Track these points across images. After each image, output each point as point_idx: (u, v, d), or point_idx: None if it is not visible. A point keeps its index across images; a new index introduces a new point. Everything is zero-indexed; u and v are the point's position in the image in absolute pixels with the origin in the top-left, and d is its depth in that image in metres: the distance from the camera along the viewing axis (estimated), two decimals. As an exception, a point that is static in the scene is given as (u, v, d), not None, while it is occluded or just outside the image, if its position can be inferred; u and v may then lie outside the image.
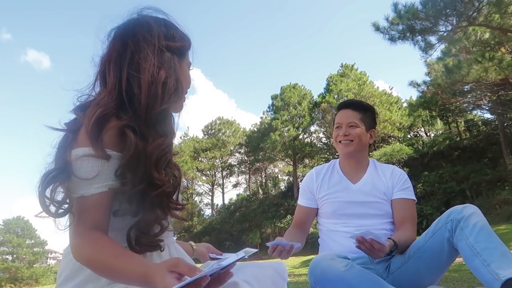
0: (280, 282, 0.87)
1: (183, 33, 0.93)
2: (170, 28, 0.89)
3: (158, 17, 0.90)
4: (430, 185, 18.06)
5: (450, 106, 17.54)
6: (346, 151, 1.71)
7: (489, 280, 1.11)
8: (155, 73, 0.80)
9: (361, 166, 1.74)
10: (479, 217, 1.25)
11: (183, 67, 0.91)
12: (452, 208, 1.34)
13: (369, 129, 1.75)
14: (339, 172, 1.76)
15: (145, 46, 0.81)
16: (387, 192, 1.66)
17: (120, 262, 0.67)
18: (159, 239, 0.80)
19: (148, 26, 0.85)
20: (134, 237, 0.77)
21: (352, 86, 22.97)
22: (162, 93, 0.80)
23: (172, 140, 0.85)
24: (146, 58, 0.80)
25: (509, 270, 1.08)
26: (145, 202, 0.78)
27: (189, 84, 0.96)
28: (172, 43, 0.87)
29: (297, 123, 26.99)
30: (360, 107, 1.78)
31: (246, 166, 35.07)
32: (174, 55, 0.87)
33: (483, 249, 1.16)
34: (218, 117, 36.01)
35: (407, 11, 8.31)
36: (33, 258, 34.18)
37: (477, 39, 9.20)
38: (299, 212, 1.79)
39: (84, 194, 0.74)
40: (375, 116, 1.82)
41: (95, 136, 0.74)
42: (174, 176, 0.83)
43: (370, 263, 1.50)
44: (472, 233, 1.20)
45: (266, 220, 25.95)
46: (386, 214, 1.63)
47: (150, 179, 0.77)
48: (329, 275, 1.25)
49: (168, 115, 0.86)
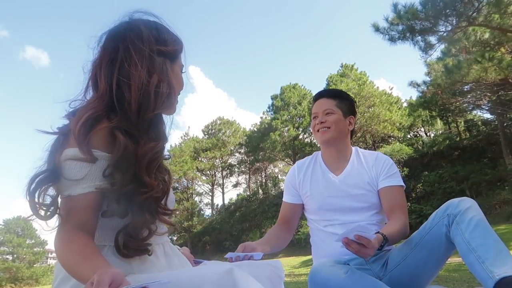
0: (277, 281, 0.87)
1: (175, 36, 0.93)
2: (161, 32, 0.89)
3: (149, 20, 0.90)
4: (430, 185, 18.06)
5: (450, 106, 17.54)
6: (324, 139, 1.66)
7: (483, 278, 1.11)
8: (145, 80, 0.80)
9: (342, 156, 1.68)
10: (475, 211, 1.23)
11: (175, 70, 0.91)
12: (449, 201, 1.31)
13: (346, 115, 1.69)
14: (321, 164, 1.71)
15: (135, 52, 0.81)
16: (371, 181, 1.60)
17: (83, 266, 0.67)
18: (147, 243, 0.80)
19: (138, 31, 0.84)
20: (122, 241, 0.77)
21: (352, 86, 22.94)
22: (155, 98, 0.81)
23: (164, 144, 0.85)
24: (136, 65, 0.80)
25: (503, 269, 1.07)
26: (134, 206, 0.77)
27: (182, 87, 0.96)
28: (164, 47, 0.87)
29: (297, 123, 26.98)
30: (335, 94, 1.74)
31: (246, 166, 35.04)
32: (166, 59, 0.87)
33: (478, 245, 1.15)
34: (218, 117, 36.02)
35: (407, 12, 8.30)
36: (33, 258, 34.15)
37: (477, 39, 9.20)
38: (284, 209, 1.77)
39: (71, 194, 0.75)
40: (353, 104, 1.75)
41: (82, 137, 0.74)
42: (163, 180, 0.83)
43: (366, 263, 1.49)
44: (468, 228, 1.19)
45: (266, 220, 25.95)
46: (372, 205, 1.58)
47: (140, 181, 0.77)
48: (330, 282, 1.24)
49: (160, 119, 0.86)
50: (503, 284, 1.05)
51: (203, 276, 0.67)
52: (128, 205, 0.77)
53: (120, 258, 0.79)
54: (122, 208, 0.77)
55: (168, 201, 0.89)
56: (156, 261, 0.85)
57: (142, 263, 0.81)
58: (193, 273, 0.70)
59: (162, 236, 0.89)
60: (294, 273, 8.93)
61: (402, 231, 1.42)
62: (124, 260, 0.79)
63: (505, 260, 1.10)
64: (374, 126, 22.55)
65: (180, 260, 0.94)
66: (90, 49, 0.88)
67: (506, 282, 1.05)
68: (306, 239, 20.94)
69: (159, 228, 0.84)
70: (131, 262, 0.80)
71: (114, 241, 0.77)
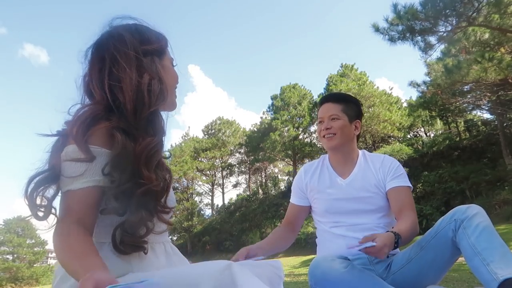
0: (277, 281, 0.87)
1: (157, 33, 0.95)
2: (143, 32, 0.91)
3: (129, 24, 0.92)
4: (430, 185, 18.06)
5: (450, 106, 17.53)
6: (330, 146, 1.66)
7: (487, 280, 1.11)
8: (135, 80, 0.82)
9: (349, 159, 1.68)
10: (482, 217, 1.24)
11: (165, 65, 0.93)
12: (457, 208, 1.33)
13: (352, 120, 1.69)
14: (328, 167, 1.72)
15: (121, 57, 0.83)
16: (379, 184, 1.60)
17: (77, 264, 0.67)
18: (144, 241, 0.80)
19: (120, 36, 0.86)
20: (119, 237, 0.78)
21: (352, 86, 22.95)
22: (148, 96, 0.82)
23: (162, 139, 0.86)
24: (125, 68, 0.82)
25: (508, 270, 1.08)
26: (132, 203, 0.78)
27: (176, 79, 0.98)
28: (149, 46, 0.89)
29: (297, 123, 26.98)
30: (341, 98, 1.73)
31: (246, 166, 35.05)
32: (154, 57, 0.90)
33: (483, 249, 1.16)
34: (218, 117, 36.03)
35: (407, 12, 8.30)
36: (33, 257, 34.14)
37: (477, 39, 9.21)
38: (290, 210, 1.77)
39: (71, 189, 0.76)
40: (359, 107, 1.75)
41: (80, 136, 0.76)
42: (164, 178, 0.84)
43: (369, 264, 1.49)
44: (474, 233, 1.20)
45: (266, 220, 25.95)
46: (379, 208, 1.58)
47: (139, 177, 0.78)
48: (329, 276, 1.24)
49: (157, 116, 0.87)
50: (506, 285, 1.06)
51: (201, 271, 0.67)
52: (126, 203, 0.78)
53: (120, 257, 0.79)
54: (121, 206, 0.78)
55: (169, 201, 0.90)
56: (155, 260, 0.85)
57: (141, 261, 0.82)
58: (192, 269, 0.71)
59: (162, 235, 0.90)
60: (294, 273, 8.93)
61: (413, 227, 1.41)
62: (123, 258, 0.80)
63: (510, 263, 1.11)
64: (374, 126, 22.56)
65: (180, 259, 0.95)
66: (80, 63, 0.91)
67: (509, 283, 1.06)
68: (306, 239, 20.93)
69: (157, 227, 0.84)
70: (131, 260, 0.80)
71: (111, 237, 0.78)
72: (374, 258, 1.47)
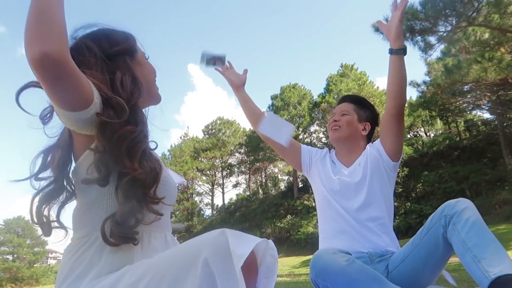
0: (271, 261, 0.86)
1: (123, 32, 0.96)
2: (109, 36, 0.93)
3: (93, 31, 0.93)
4: (430, 185, 18.08)
5: (450, 106, 17.54)
6: (334, 137, 1.74)
7: (479, 277, 1.11)
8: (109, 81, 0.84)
9: (354, 153, 1.73)
10: (471, 211, 1.23)
11: (139, 61, 0.96)
12: (446, 203, 1.32)
13: (362, 120, 1.75)
14: (333, 158, 1.79)
15: (91, 66, 0.84)
16: (374, 159, 1.62)
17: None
18: (135, 231, 0.80)
19: (86, 47, 0.87)
20: (109, 229, 0.78)
21: (352, 86, 22.97)
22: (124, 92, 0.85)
23: (144, 130, 0.87)
24: (97, 75, 0.83)
25: (499, 268, 1.07)
26: (120, 193, 0.79)
27: (153, 72, 1.01)
28: (117, 47, 0.91)
29: (297, 123, 27.00)
30: (357, 100, 1.81)
31: (246, 166, 35.08)
32: (125, 56, 0.92)
33: (474, 245, 1.15)
34: (218, 117, 36.10)
35: (407, 12, 8.30)
36: (33, 258, 34.20)
37: (477, 39, 9.21)
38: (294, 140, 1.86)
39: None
40: (374, 114, 1.80)
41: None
42: (152, 168, 0.84)
43: (370, 263, 1.49)
44: (464, 229, 1.19)
45: (266, 220, 25.98)
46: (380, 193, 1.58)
47: (122, 167, 0.79)
48: (330, 269, 1.25)
49: (137, 110, 0.88)
50: (498, 283, 1.05)
51: (200, 240, 0.72)
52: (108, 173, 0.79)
53: (121, 249, 0.79)
54: (103, 176, 0.79)
55: (170, 196, 0.90)
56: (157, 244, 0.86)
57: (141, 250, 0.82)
58: (192, 241, 0.74)
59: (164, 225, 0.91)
60: (294, 273, 8.93)
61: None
62: (125, 251, 0.79)
63: (501, 260, 1.10)
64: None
65: None
66: None
67: (501, 281, 1.05)
68: (306, 239, 20.95)
69: (147, 218, 0.83)
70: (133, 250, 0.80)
71: (101, 229, 0.77)
72: (376, 257, 1.48)
